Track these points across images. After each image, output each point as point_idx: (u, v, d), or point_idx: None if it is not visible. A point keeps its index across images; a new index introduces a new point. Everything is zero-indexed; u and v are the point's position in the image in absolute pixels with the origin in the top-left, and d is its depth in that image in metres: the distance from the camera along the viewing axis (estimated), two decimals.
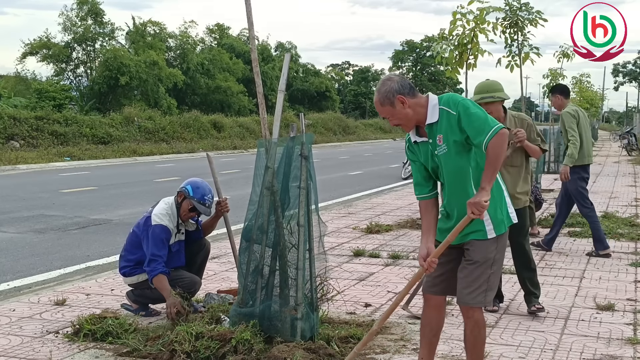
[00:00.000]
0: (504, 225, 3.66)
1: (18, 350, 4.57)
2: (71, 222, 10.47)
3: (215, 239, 8.12)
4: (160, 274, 5.14)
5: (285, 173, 4.64)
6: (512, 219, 3.71)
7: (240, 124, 39.23)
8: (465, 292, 3.67)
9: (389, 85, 3.63)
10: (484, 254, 3.63)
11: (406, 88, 3.63)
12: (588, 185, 8.63)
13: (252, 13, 4.75)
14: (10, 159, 21.88)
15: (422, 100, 3.67)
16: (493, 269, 3.66)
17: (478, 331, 3.75)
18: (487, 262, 3.64)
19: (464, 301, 3.69)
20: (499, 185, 3.67)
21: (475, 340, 3.77)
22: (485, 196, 3.43)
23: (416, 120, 3.67)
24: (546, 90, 23.01)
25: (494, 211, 3.61)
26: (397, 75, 3.78)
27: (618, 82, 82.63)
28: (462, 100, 3.61)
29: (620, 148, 35.30)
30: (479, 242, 3.63)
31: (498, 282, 3.77)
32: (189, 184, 5.42)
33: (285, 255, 4.61)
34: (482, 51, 10.14)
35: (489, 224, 3.61)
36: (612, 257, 7.86)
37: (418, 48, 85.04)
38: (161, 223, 5.28)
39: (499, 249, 3.66)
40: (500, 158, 3.47)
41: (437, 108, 3.62)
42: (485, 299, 3.67)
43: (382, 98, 3.64)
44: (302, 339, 4.50)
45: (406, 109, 3.63)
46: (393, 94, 3.61)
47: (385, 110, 3.66)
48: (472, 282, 3.64)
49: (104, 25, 44.56)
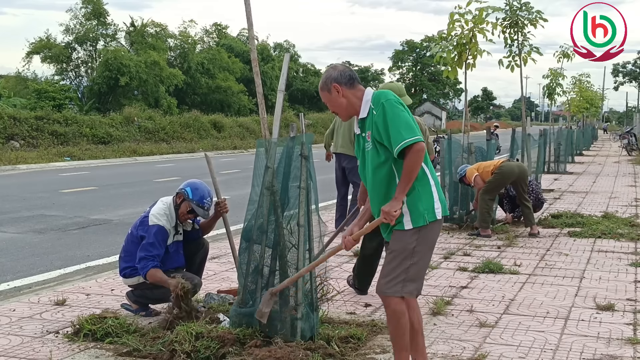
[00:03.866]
0: (423, 219, 3.69)
1: (18, 350, 4.57)
2: (71, 222, 10.47)
3: (215, 239, 8.12)
4: (152, 268, 5.14)
5: (285, 173, 4.64)
6: (436, 214, 3.73)
7: (240, 123, 39.24)
8: (383, 281, 3.76)
9: (329, 72, 3.85)
10: (402, 244, 3.70)
11: (344, 78, 3.81)
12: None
13: (251, 13, 4.75)
14: (10, 159, 21.87)
15: (359, 93, 3.82)
16: (413, 260, 3.71)
17: (397, 321, 3.78)
18: (404, 252, 3.70)
19: (380, 290, 3.79)
20: (425, 178, 3.72)
21: (395, 329, 3.82)
22: (396, 206, 3.58)
23: (351, 111, 3.84)
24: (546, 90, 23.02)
25: (413, 203, 3.67)
26: (342, 65, 3.93)
27: (618, 82, 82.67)
28: (386, 102, 3.67)
29: (620, 148, 35.31)
30: (397, 232, 3.73)
31: (422, 273, 3.79)
32: (188, 185, 5.40)
33: (285, 255, 4.61)
34: (481, 51, 10.15)
35: (407, 215, 3.68)
36: (612, 257, 7.86)
37: (418, 48, 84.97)
38: (159, 223, 5.26)
39: (419, 241, 3.70)
40: (414, 171, 3.58)
41: (369, 104, 3.74)
42: (403, 289, 3.72)
43: (321, 84, 3.87)
44: (302, 339, 4.50)
45: (340, 98, 3.82)
46: (330, 81, 3.80)
47: (323, 95, 3.87)
48: (390, 271, 3.73)
49: (107, 26, 44.65)
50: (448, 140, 10.49)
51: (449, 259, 7.66)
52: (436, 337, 4.87)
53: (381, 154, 3.70)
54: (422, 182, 3.70)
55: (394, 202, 3.59)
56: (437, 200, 3.74)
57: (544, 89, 23.97)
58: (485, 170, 9.28)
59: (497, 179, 9.16)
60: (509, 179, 9.32)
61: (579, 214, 11.13)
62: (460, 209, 10.15)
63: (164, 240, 5.28)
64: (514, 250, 8.25)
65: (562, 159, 21.64)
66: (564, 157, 22.01)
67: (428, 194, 3.71)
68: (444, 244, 8.59)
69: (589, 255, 8.01)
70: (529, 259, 7.71)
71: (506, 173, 9.21)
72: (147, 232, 5.24)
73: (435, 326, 5.15)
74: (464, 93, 11.53)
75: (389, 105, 3.65)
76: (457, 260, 7.62)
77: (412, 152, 3.55)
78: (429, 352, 4.55)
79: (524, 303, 5.84)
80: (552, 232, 9.66)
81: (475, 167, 9.44)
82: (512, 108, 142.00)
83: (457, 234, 9.38)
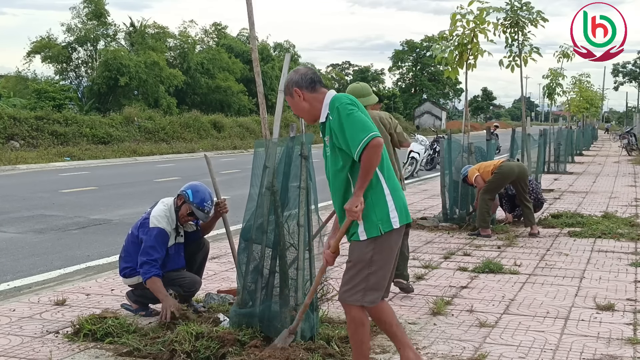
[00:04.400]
0: (377, 229, 3.66)
1: (18, 350, 4.57)
2: (71, 222, 10.47)
3: (215, 239, 8.12)
4: (153, 276, 5.13)
5: (285, 173, 4.64)
6: (392, 223, 3.68)
7: (240, 123, 39.22)
8: (343, 289, 3.79)
9: (291, 76, 3.87)
10: (358, 254, 3.72)
11: (306, 82, 3.81)
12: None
13: (253, 13, 4.75)
14: (10, 159, 21.86)
15: (320, 96, 3.81)
16: (371, 269, 3.71)
17: (354, 328, 3.82)
18: (362, 262, 3.71)
19: (341, 298, 3.82)
20: (378, 186, 3.69)
21: (353, 337, 3.86)
22: (356, 202, 3.59)
23: (313, 115, 3.84)
24: (546, 90, 23.01)
25: (366, 214, 3.66)
26: (305, 68, 3.94)
27: (618, 82, 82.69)
28: (340, 106, 3.67)
29: (620, 148, 35.31)
30: (354, 242, 3.75)
31: (383, 282, 3.77)
32: (189, 188, 5.38)
33: (285, 255, 4.61)
34: (482, 51, 10.14)
35: (361, 226, 3.69)
36: (612, 257, 7.86)
37: (418, 48, 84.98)
38: (159, 226, 5.25)
39: (376, 250, 3.69)
40: (372, 168, 3.59)
41: (327, 109, 3.75)
42: (363, 298, 3.73)
43: (284, 87, 3.90)
44: (302, 339, 4.50)
45: (302, 102, 3.83)
46: (292, 85, 3.84)
47: (287, 99, 3.91)
48: (348, 280, 3.75)
49: (107, 26, 44.64)
50: (448, 140, 10.49)
51: (449, 259, 7.66)
52: (436, 337, 4.87)
53: (339, 159, 3.71)
54: (375, 191, 3.68)
55: (354, 199, 3.60)
56: (392, 209, 3.69)
57: (544, 89, 23.95)
58: (485, 170, 9.30)
59: (496, 178, 9.17)
60: (509, 179, 9.32)
61: (579, 214, 11.13)
62: (460, 209, 10.16)
63: (164, 242, 5.28)
64: (514, 250, 8.26)
65: (562, 159, 21.64)
66: (564, 157, 22.01)
67: (382, 203, 3.68)
68: (444, 244, 8.60)
69: (589, 255, 8.01)
70: (529, 259, 7.71)
71: (505, 173, 9.22)
72: (148, 235, 5.23)
73: (435, 326, 5.15)
74: (464, 93, 11.53)
75: (342, 109, 3.65)
76: (457, 260, 7.62)
77: (368, 148, 3.54)
78: (429, 352, 4.56)
79: (524, 303, 5.84)
80: (552, 232, 9.66)
81: (476, 168, 9.46)
82: (512, 108, 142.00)
83: (457, 234, 9.38)
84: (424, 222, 10.07)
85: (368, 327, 3.87)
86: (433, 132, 32.74)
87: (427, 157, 21.12)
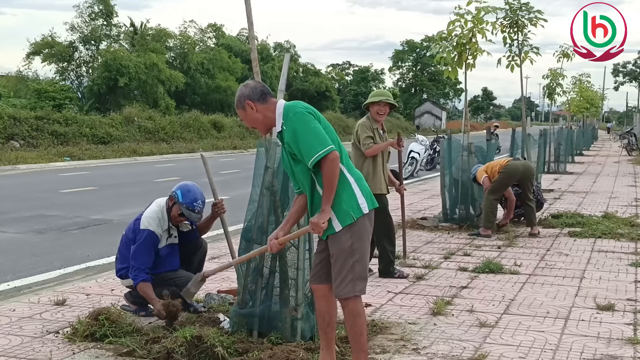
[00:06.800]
0: (349, 216, 3.76)
1: (18, 350, 4.57)
2: (71, 222, 10.47)
3: (215, 239, 8.12)
4: (142, 281, 5.12)
5: (285, 173, 4.64)
6: (362, 209, 3.78)
7: (240, 123, 39.14)
8: (334, 285, 3.85)
9: (242, 90, 3.93)
10: (338, 246, 3.79)
11: (257, 94, 3.88)
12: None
13: (252, 13, 4.74)
14: (10, 159, 21.84)
15: (271, 107, 3.88)
16: (355, 257, 3.79)
17: (353, 320, 3.87)
18: (344, 252, 3.78)
19: (336, 294, 3.87)
20: (343, 179, 3.77)
21: (351, 329, 3.90)
22: (324, 218, 3.69)
23: (268, 125, 3.93)
24: (546, 90, 22.98)
25: (337, 205, 3.74)
26: (254, 81, 4.04)
27: (618, 82, 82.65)
28: (294, 115, 3.74)
29: (621, 148, 35.31)
30: (331, 236, 3.82)
31: (366, 270, 3.89)
32: (179, 188, 5.32)
33: (285, 256, 4.61)
34: (481, 51, 10.13)
35: (334, 219, 3.76)
36: (612, 257, 7.86)
37: (418, 48, 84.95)
38: (149, 228, 5.22)
39: (354, 237, 3.78)
40: (335, 181, 3.67)
41: (280, 118, 3.81)
42: (354, 288, 3.81)
43: (236, 102, 3.95)
44: (302, 339, 4.50)
45: (255, 114, 3.90)
46: (244, 99, 3.91)
47: (239, 113, 3.97)
48: (337, 274, 3.82)
49: (112, 26, 44.64)
50: (448, 140, 10.49)
51: (449, 259, 7.66)
52: (436, 337, 4.87)
53: (302, 163, 3.78)
54: (341, 183, 3.76)
55: (322, 215, 3.69)
56: (360, 196, 3.81)
57: (544, 89, 23.92)
58: (493, 170, 9.32)
59: (502, 178, 9.19)
60: (514, 178, 9.33)
61: (579, 214, 11.13)
62: (461, 209, 10.14)
63: (153, 244, 5.25)
64: (514, 250, 8.25)
65: (562, 159, 21.64)
66: (564, 157, 22.01)
67: (349, 192, 3.79)
68: (444, 244, 8.59)
69: (589, 255, 8.01)
70: (529, 259, 7.71)
71: (511, 172, 9.23)
72: (138, 237, 5.22)
73: (435, 326, 5.14)
74: (464, 93, 11.52)
75: (297, 118, 3.71)
76: (457, 260, 7.62)
77: (327, 162, 3.63)
78: (429, 352, 4.55)
79: (524, 303, 5.83)
80: (552, 232, 9.66)
81: (484, 168, 9.47)
82: (512, 108, 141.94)
83: (457, 234, 9.37)
84: (424, 222, 10.06)
85: (365, 318, 3.95)
86: (433, 132, 32.70)
87: (427, 157, 21.11)
